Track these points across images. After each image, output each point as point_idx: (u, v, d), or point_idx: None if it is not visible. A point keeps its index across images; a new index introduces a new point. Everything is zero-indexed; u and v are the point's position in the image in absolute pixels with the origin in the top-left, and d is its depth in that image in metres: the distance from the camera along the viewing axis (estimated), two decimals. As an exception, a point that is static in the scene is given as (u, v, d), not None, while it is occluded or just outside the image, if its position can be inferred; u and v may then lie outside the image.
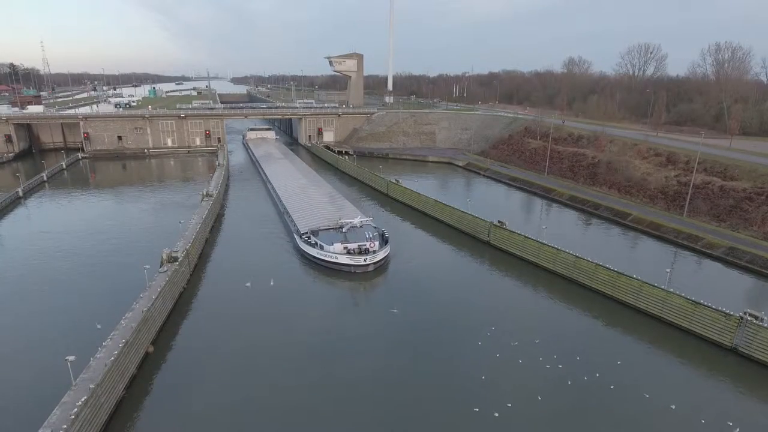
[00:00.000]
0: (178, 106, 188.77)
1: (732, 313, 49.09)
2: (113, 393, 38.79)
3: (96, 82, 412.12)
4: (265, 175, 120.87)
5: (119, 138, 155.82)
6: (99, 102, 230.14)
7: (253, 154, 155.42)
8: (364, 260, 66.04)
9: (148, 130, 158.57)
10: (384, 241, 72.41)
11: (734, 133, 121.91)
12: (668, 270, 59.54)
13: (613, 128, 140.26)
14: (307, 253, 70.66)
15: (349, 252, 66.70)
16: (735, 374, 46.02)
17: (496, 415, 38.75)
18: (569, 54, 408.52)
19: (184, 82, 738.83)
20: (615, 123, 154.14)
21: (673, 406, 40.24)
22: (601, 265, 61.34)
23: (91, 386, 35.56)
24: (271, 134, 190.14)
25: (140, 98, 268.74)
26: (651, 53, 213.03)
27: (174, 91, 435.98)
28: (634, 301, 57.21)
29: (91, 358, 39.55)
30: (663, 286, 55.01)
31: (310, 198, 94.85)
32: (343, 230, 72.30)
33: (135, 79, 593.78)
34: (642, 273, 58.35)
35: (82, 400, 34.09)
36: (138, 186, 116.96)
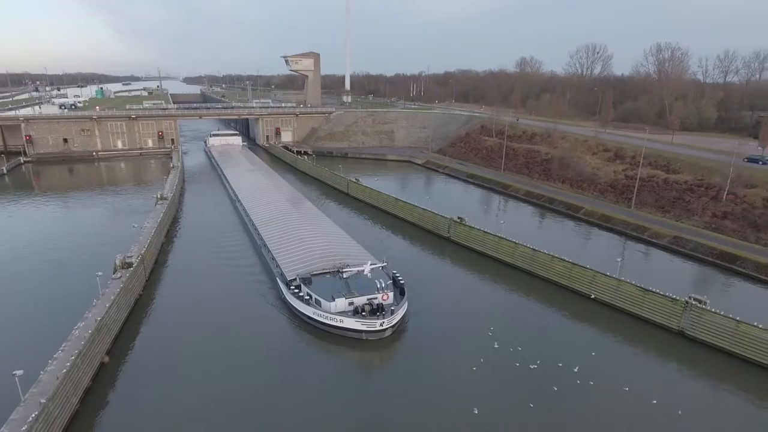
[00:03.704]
0: (128, 106, 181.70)
1: (678, 298, 51.97)
2: (66, 407, 37.12)
3: (38, 83, 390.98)
4: (236, 196, 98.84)
5: (65, 141, 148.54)
6: (42, 103, 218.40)
7: (218, 165, 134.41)
8: (381, 324, 48.69)
9: (97, 132, 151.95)
10: (399, 290, 55.19)
11: (675, 129, 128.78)
12: (619, 260, 62.53)
13: (565, 125, 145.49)
14: (297, 310, 53.38)
15: (356, 311, 49.94)
16: (682, 356, 48.69)
17: (476, 411, 39.25)
18: (521, 54, 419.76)
19: (132, 83, 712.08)
20: (566, 120, 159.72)
21: (627, 389, 42.24)
22: (557, 257, 63.52)
23: (42, 401, 33.90)
24: (237, 140, 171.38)
25: (87, 99, 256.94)
26: (598, 53, 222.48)
27: (123, 91, 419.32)
28: (588, 291, 59.58)
29: (41, 372, 37.64)
30: (615, 275, 57.57)
31: (296, 229, 74.69)
32: (344, 275, 55.89)
33: (80, 79, 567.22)
34: (595, 263, 60.77)
35: (33, 415, 32.47)
36: (87, 191, 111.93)
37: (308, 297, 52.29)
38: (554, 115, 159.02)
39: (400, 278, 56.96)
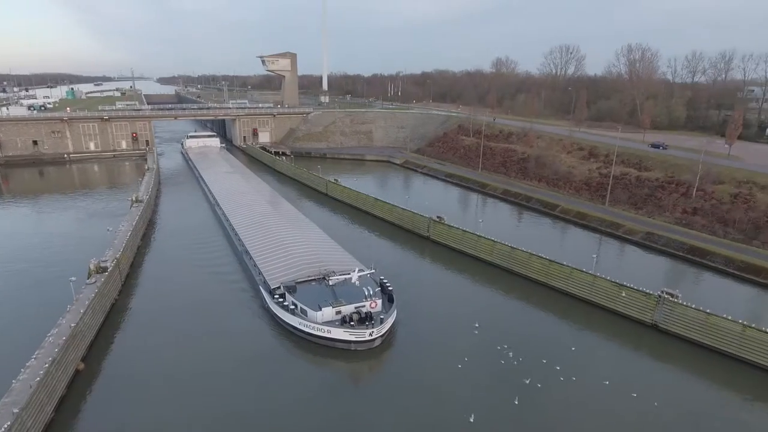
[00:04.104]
0: (100, 107, 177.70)
1: (651, 292, 53.42)
2: (41, 416, 36.23)
3: (5, 83, 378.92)
4: (215, 200, 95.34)
5: (35, 143, 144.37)
6: (9, 104, 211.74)
7: (195, 168, 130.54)
8: (370, 334, 47.23)
9: (68, 134, 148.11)
10: (388, 297, 53.73)
11: (646, 128, 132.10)
12: (594, 256, 64.03)
13: (540, 125, 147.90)
14: (282, 320, 51.38)
15: (344, 320, 48.48)
16: (656, 349, 50.09)
17: (472, 420, 38.87)
18: (497, 54, 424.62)
19: (104, 83, 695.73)
20: (542, 120, 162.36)
21: (607, 383, 43.23)
22: (534, 255, 64.57)
23: (15, 410, 33.00)
24: (215, 142, 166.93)
25: (57, 100, 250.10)
26: (571, 53, 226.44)
27: (95, 92, 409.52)
28: (565, 286, 60.77)
29: (14, 381, 36.68)
30: (590, 271, 58.85)
31: (279, 234, 71.96)
32: (330, 282, 54.03)
33: (50, 80, 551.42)
34: (571, 260, 61.99)
35: (5, 426, 31.61)
36: (59, 194, 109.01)
37: (293, 306, 50.32)
38: (530, 114, 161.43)
39: (388, 284, 55.33)
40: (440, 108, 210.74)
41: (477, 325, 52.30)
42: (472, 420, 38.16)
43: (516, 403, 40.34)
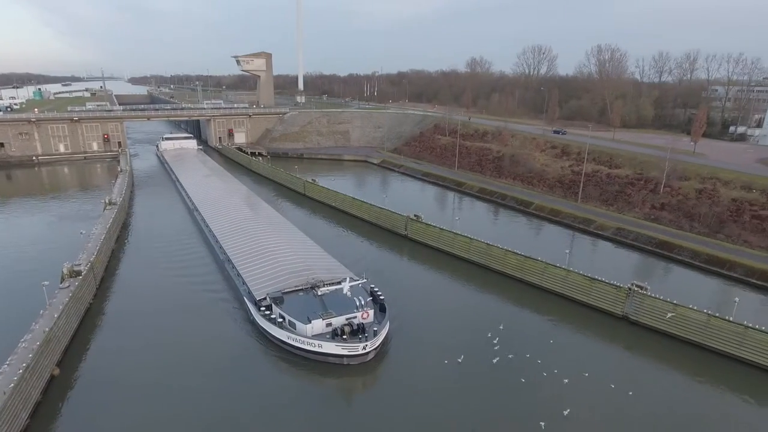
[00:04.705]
0: (69, 108, 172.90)
1: (621, 285, 55.26)
2: (15, 422, 35.60)
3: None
4: (194, 205, 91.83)
5: (1, 145, 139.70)
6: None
7: (172, 171, 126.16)
8: (364, 348, 44.84)
9: (36, 136, 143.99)
10: (380, 306, 51.49)
11: (616, 126, 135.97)
12: (567, 251, 65.90)
13: (515, 124, 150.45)
14: (269, 333, 48.60)
15: (335, 333, 46.15)
16: (628, 339, 51.85)
17: None
18: (471, 54, 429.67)
19: (73, 83, 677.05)
20: (516, 119, 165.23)
21: (587, 374, 44.46)
22: (510, 251, 65.97)
23: (-11, 417, 32.47)
24: (192, 144, 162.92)
25: (24, 100, 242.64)
26: (543, 54, 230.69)
27: (63, 92, 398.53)
28: (540, 282, 62.34)
29: (-13, 387, 35.96)
30: (564, 266, 60.51)
31: (262, 241, 68.89)
32: (318, 293, 51.24)
33: (16, 80, 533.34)
34: (546, 255, 63.56)
35: (-20, 432, 31.08)
36: (28, 197, 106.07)
37: (281, 319, 47.79)
38: (504, 113, 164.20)
39: (379, 293, 53.21)
40: (416, 108, 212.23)
41: (460, 324, 53.06)
42: None
43: (511, 402, 40.67)
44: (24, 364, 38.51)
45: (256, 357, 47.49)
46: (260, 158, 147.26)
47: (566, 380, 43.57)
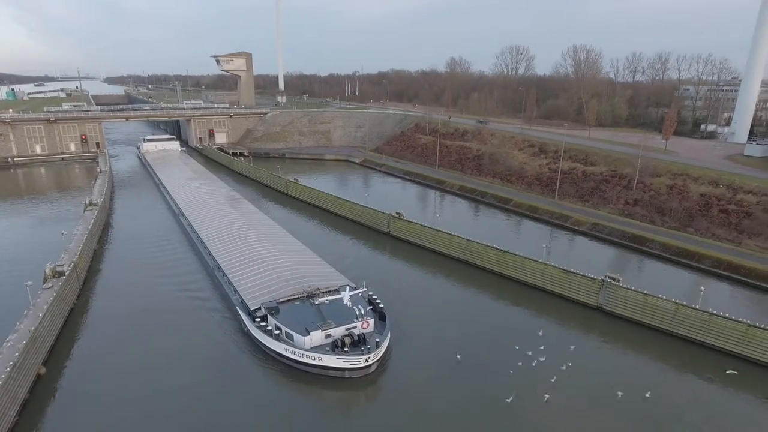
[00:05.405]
0: (45, 108, 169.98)
1: (596, 277, 57.56)
2: (4, 420, 36.01)
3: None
4: (180, 210, 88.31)
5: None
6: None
7: (155, 174, 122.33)
8: (366, 360, 42.62)
9: (11, 137, 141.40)
10: (379, 315, 49.44)
11: (592, 125, 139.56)
12: (545, 246, 68.17)
13: (494, 123, 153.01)
14: (265, 346, 46.06)
15: (335, 345, 43.82)
16: (603, 329, 54.01)
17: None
18: (451, 55, 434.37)
19: (47, 83, 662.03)
20: (494, 118, 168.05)
21: (570, 364, 46.00)
22: (489, 246, 67.91)
23: (-21, 414, 32.83)
24: (174, 145, 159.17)
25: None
26: (521, 54, 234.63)
27: (37, 92, 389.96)
28: (519, 276, 64.39)
29: (-26, 386, 36.21)
30: (541, 260, 62.64)
31: (254, 247, 66.14)
32: (315, 302, 48.97)
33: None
34: (524, 250, 65.68)
35: (-30, 429, 31.46)
36: (6, 199, 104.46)
37: (278, 331, 45.47)
38: (483, 113, 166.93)
39: (378, 301, 51.46)
40: (397, 107, 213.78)
41: (445, 320, 54.31)
42: None
43: (508, 400, 41.10)
44: (11, 363, 38.80)
45: (249, 368, 45.43)
46: (242, 158, 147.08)
47: (551, 372, 44.61)
